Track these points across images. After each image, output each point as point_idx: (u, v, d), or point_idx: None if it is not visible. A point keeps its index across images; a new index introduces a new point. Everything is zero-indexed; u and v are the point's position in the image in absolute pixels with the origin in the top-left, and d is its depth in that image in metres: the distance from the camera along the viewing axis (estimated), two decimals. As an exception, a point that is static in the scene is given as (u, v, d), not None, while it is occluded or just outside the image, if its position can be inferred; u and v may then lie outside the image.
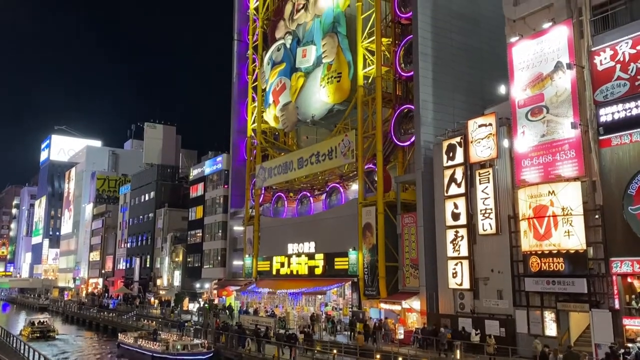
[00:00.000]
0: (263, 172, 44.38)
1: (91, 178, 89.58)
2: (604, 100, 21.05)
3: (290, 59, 43.15)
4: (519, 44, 24.16)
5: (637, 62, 20.20)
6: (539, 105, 23.03)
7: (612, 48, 20.97)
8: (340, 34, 38.01)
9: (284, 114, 43.08)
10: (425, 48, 30.77)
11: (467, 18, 32.70)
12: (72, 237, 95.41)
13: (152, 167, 70.38)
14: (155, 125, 79.71)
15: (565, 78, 22.19)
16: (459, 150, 26.60)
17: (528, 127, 23.37)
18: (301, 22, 42.40)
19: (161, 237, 63.40)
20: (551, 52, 22.80)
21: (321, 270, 36.86)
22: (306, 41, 41.44)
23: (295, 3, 43.21)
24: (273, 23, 46.30)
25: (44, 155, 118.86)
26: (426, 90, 30.42)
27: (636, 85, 20.16)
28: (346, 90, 36.97)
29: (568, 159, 21.83)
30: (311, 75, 40.35)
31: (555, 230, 21.61)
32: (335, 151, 36.34)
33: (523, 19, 24.86)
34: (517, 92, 23.98)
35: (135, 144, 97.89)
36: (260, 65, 47.61)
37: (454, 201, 26.61)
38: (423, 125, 29.94)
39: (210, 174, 55.11)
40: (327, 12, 39.39)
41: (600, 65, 21.30)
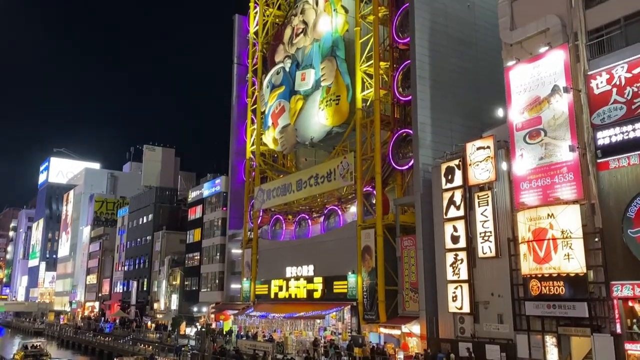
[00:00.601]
0: (262, 194, 44.33)
1: (89, 200, 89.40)
2: (601, 124, 21.15)
3: (289, 82, 43.48)
4: (516, 68, 24.38)
5: (633, 86, 20.36)
6: (537, 128, 23.13)
7: (608, 72, 21.16)
8: (338, 57, 38.39)
9: (283, 136, 43.24)
10: (422, 72, 31.05)
11: (464, 42, 33.07)
12: (69, 260, 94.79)
13: (150, 190, 70.31)
14: (154, 147, 79.92)
15: (562, 101, 22.33)
16: (458, 172, 26.62)
17: (526, 150, 23.44)
18: (300, 46, 42.85)
19: (159, 260, 63.00)
20: (548, 76, 22.99)
21: (320, 294, 36.53)
22: (305, 65, 41.82)
23: (295, 28, 43.73)
24: (272, 47, 46.78)
25: (43, 178, 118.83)
26: (424, 112, 30.58)
27: (633, 108, 20.29)
28: (345, 112, 37.19)
29: (566, 181, 21.83)
30: (310, 98, 40.62)
31: (555, 254, 21.49)
32: (334, 173, 36.37)
33: (519, 43, 25.12)
34: (515, 115, 24.11)
35: (134, 167, 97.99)
36: (259, 88, 47.96)
37: (453, 224, 26.53)
38: (421, 148, 30.02)
39: (208, 196, 55.03)
40: (326, 37, 39.84)
41: (597, 89, 21.46)
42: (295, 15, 44.02)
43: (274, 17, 48.62)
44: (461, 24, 33.27)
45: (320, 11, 41.03)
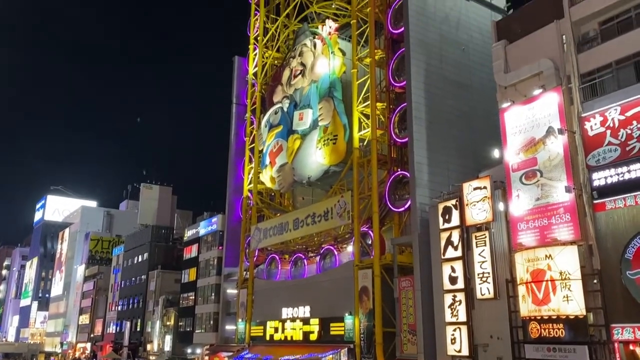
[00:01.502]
0: (258, 233, 44.10)
1: (85, 239, 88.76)
2: (596, 165, 21.31)
3: (287, 122, 43.95)
4: (511, 110, 24.72)
5: (627, 128, 20.63)
6: (533, 169, 23.28)
7: (602, 114, 21.47)
8: (336, 98, 38.95)
9: (281, 174, 43.39)
10: (419, 112, 31.45)
11: (459, 84, 33.64)
12: (62, 299, 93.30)
13: (146, 228, 69.92)
14: (151, 186, 79.98)
15: (558, 143, 22.56)
16: (455, 212, 26.60)
17: (522, 190, 23.51)
18: (298, 87, 43.52)
19: (153, 299, 62.06)
20: (542, 118, 23.30)
21: (316, 335, 35.87)
22: (303, 105, 42.37)
23: (293, 69, 44.51)
24: (271, 88, 47.50)
25: (38, 216, 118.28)
26: (421, 153, 30.82)
27: (627, 150, 20.50)
28: (342, 152, 37.46)
29: (563, 222, 21.82)
30: (307, 138, 40.96)
31: (553, 295, 21.27)
32: (331, 212, 36.31)
33: (514, 85, 25.56)
34: (511, 156, 24.30)
35: (130, 205, 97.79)
36: (257, 128, 48.41)
37: (451, 264, 26.32)
38: (418, 188, 30.10)
39: (204, 235, 54.70)
40: (324, 78, 40.51)
41: (591, 131, 21.73)
42: (293, 57, 44.89)
43: (272, 59, 49.55)
44: (456, 67, 33.93)
45: (318, 54, 41.87)
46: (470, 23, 35.55)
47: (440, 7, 34.55)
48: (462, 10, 35.50)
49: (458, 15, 35.25)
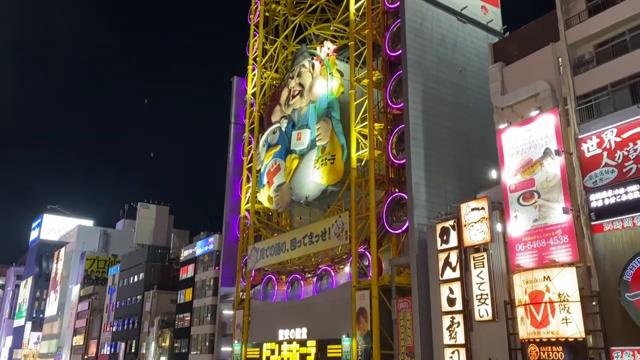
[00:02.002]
0: (255, 253, 43.85)
1: (80, 258, 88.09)
2: (593, 186, 21.34)
3: (285, 142, 44.05)
4: (508, 131, 24.83)
5: (623, 150, 20.71)
6: (530, 190, 23.30)
7: (598, 136, 21.58)
8: (334, 118, 39.12)
9: (278, 194, 43.32)
10: (416, 133, 31.57)
11: (456, 105, 33.84)
12: (56, 319, 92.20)
13: (142, 248, 69.50)
14: (148, 205, 79.70)
15: (555, 164, 22.62)
16: (453, 233, 26.53)
17: (520, 211, 23.49)
18: (296, 107, 43.73)
19: (148, 320, 61.38)
20: (539, 139, 23.40)
21: (313, 358, 35.44)
22: (301, 125, 42.53)
23: (291, 90, 44.78)
24: (269, 107, 47.73)
25: (34, 235, 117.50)
26: (418, 173, 30.84)
27: (624, 171, 20.55)
28: (340, 172, 37.47)
29: (561, 244, 21.76)
30: (305, 157, 41.01)
31: (552, 317, 21.09)
32: (328, 232, 36.16)
33: (511, 107, 25.71)
34: (508, 177, 24.33)
35: (127, 224, 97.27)
36: (255, 147, 48.50)
37: (449, 286, 26.14)
38: (416, 208, 30.05)
39: (201, 255, 54.38)
40: (322, 98, 40.74)
41: (588, 152, 21.80)
42: (292, 78, 45.20)
43: (271, 80, 49.89)
44: (453, 88, 34.18)
45: (317, 74, 42.17)
46: (466, 45, 35.93)
47: (437, 29, 34.94)
48: (458, 32, 35.91)
49: (455, 37, 35.63)
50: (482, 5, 37.77)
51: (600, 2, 23.70)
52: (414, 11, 34.18)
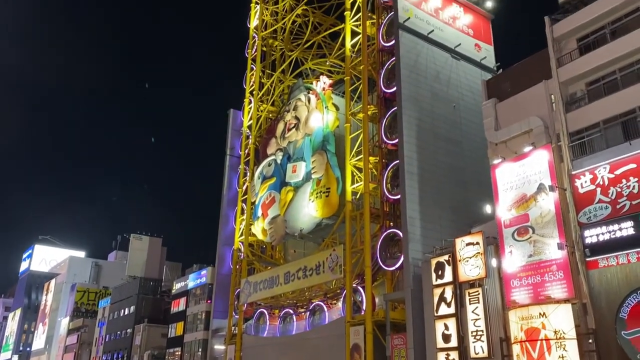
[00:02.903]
0: (248, 286, 43.33)
1: (71, 290, 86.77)
2: (587, 222, 21.37)
3: (280, 174, 44.11)
4: (502, 166, 24.98)
5: (616, 186, 20.84)
6: (525, 225, 23.29)
7: (592, 172, 21.74)
8: (329, 151, 39.30)
9: (272, 227, 43.10)
10: (411, 167, 31.71)
11: (451, 140, 34.13)
12: (44, 353, 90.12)
13: (134, 280, 68.62)
14: (141, 236, 79.09)
15: (549, 199, 22.69)
16: (448, 268, 26.34)
17: (515, 246, 23.43)
18: (292, 140, 43.97)
19: (138, 354, 60.06)
20: (533, 175, 23.53)
21: (306, 394, 34.60)
22: (296, 157, 42.67)
23: (287, 123, 45.12)
24: (265, 140, 47.96)
25: (25, 266, 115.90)
26: (413, 207, 30.83)
27: (617, 208, 20.63)
28: (334, 205, 37.41)
29: (557, 280, 21.63)
30: (300, 190, 41.01)
31: (549, 355, 20.80)
32: (323, 266, 35.85)
33: (504, 142, 25.96)
34: (503, 212, 24.35)
35: (119, 255, 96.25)
36: (250, 179, 48.52)
37: (444, 322, 25.81)
38: (411, 242, 29.90)
39: (193, 288, 53.68)
40: (317, 132, 41.02)
41: (582, 188, 21.92)
42: (288, 111, 45.59)
43: (267, 113, 50.30)
44: (447, 123, 34.52)
45: (312, 108, 42.58)
46: (460, 81, 36.49)
47: (432, 65, 35.52)
48: (452, 68, 36.51)
49: (449, 73, 36.21)
50: (476, 43, 38.56)
51: (590, 42, 24.28)
52: (408, 48, 34.80)
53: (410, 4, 36.00)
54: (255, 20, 54.48)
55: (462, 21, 38.57)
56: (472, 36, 38.75)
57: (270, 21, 53.19)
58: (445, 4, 38.11)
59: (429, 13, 36.88)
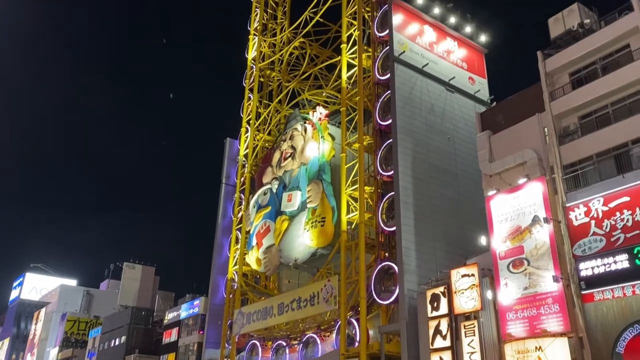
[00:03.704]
0: (241, 317, 42.77)
1: (61, 319, 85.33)
2: (582, 255, 21.38)
3: (275, 203, 44.08)
4: (497, 198, 25.09)
5: (611, 219, 20.93)
6: (520, 257, 23.26)
7: (586, 204, 21.85)
8: (324, 181, 39.41)
9: (267, 256, 42.84)
10: (406, 198, 31.78)
11: (445, 171, 34.33)
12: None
13: (126, 310, 67.60)
14: (134, 265, 78.30)
15: (543, 232, 22.72)
16: (443, 300, 26.15)
17: (510, 279, 23.34)
18: (288, 169, 44.12)
19: (128, 386, 58.79)
20: (528, 206, 23.62)
21: None
22: (292, 187, 42.73)
23: (283, 152, 45.35)
24: (261, 169, 48.10)
25: (15, 294, 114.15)
26: (408, 238, 30.78)
27: (612, 241, 20.67)
28: (330, 234, 37.30)
29: (552, 313, 21.50)
30: (295, 219, 40.93)
31: (546, 390, 20.50)
32: (317, 297, 35.50)
33: (499, 174, 26.15)
34: (498, 244, 24.34)
35: (111, 284, 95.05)
36: (245, 208, 48.42)
37: (439, 355, 25.47)
38: (406, 274, 29.74)
39: (185, 318, 52.93)
40: (313, 161, 41.21)
41: (576, 221, 21.99)
42: (284, 140, 45.88)
43: (263, 142, 50.60)
44: (442, 155, 34.80)
45: (308, 138, 42.87)
46: (454, 113, 36.94)
47: (426, 97, 36.00)
48: (447, 101, 37.00)
49: (443, 105, 36.68)
50: (470, 76, 39.20)
51: (582, 76, 24.74)
52: (403, 80, 35.31)
53: (406, 38, 36.71)
54: (253, 51, 55.29)
55: (456, 55, 39.28)
56: (466, 69, 39.42)
57: (268, 53, 53.99)
58: (439, 39, 38.87)
59: (424, 47, 37.58)
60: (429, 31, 38.44)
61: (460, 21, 40.30)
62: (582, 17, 25.86)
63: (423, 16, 38.48)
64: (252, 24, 56.67)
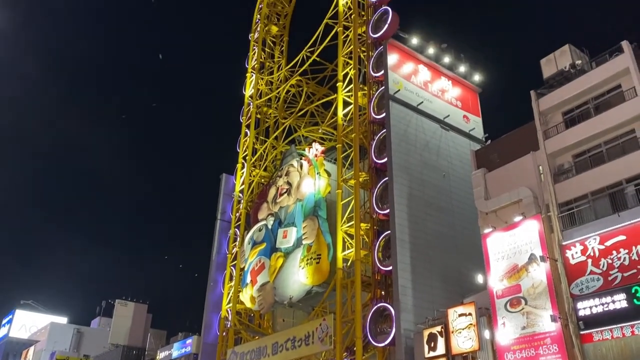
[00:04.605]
0: (235, 357, 41.83)
1: (50, 358, 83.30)
2: (580, 294, 21.19)
3: (270, 240, 43.76)
4: (493, 235, 25.01)
5: (607, 258, 20.83)
6: (517, 296, 23.02)
7: (582, 243, 21.79)
8: (320, 217, 39.25)
9: (261, 294, 42.23)
10: (402, 235, 31.64)
11: (441, 208, 34.32)
12: None
13: (117, 349, 66.17)
14: (126, 302, 77.00)
15: (540, 270, 22.57)
16: (440, 340, 25.70)
17: (508, 318, 23.03)
18: (283, 205, 44.00)
19: None
20: (524, 245, 23.53)
21: None
22: (287, 223, 42.51)
23: (279, 188, 45.33)
24: (256, 205, 47.95)
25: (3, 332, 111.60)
26: (405, 276, 30.49)
27: (609, 280, 20.53)
28: (325, 272, 36.89)
29: (551, 353, 21.14)
30: (291, 256, 40.55)
31: None
32: (312, 336, 34.84)
33: (494, 212, 26.13)
34: (495, 283, 24.12)
35: (103, 322, 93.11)
36: (240, 245, 48.03)
37: (437, 397, 24.89)
38: (403, 312, 29.31)
39: (177, 357, 51.73)
40: (309, 197, 41.15)
41: (573, 259, 21.88)
42: (280, 176, 45.94)
43: (259, 178, 50.63)
44: (438, 192, 34.85)
45: (304, 174, 42.95)
46: (449, 151, 37.20)
47: (421, 135, 36.32)
48: (442, 138, 37.32)
49: (438, 143, 36.97)
50: (464, 115, 39.68)
51: (575, 116, 25.07)
52: (399, 118, 35.70)
53: (401, 77, 37.31)
54: (250, 88, 55.98)
55: (450, 94, 39.87)
56: (461, 108, 39.95)
57: (265, 90, 54.67)
58: (434, 78, 39.52)
59: (419, 86, 38.16)
60: (423, 70, 39.12)
61: (454, 61, 41.08)
62: (574, 58, 26.42)
63: (418, 56, 39.24)
64: (250, 62, 57.58)
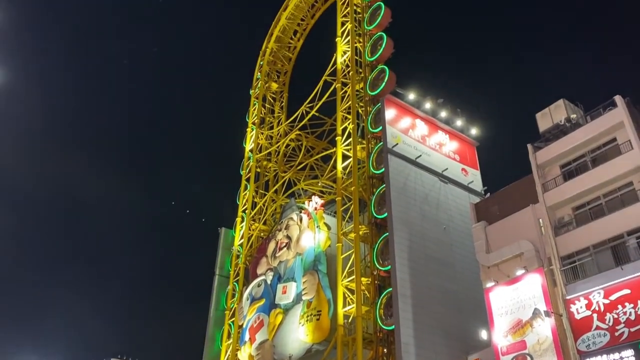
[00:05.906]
0: (232, 418, 40.27)
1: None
2: (587, 351, 20.68)
3: (270, 295, 43.01)
4: (495, 290, 24.64)
5: (613, 312, 20.46)
6: (523, 353, 22.45)
7: (586, 297, 21.45)
8: (320, 271, 38.75)
9: (260, 352, 41.09)
10: (404, 289, 31.16)
11: (442, 262, 33.97)
12: None
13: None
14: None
15: (545, 325, 22.11)
16: (445, 400, 24.87)
17: (515, 376, 22.35)
18: (283, 259, 43.53)
19: None
20: (528, 299, 23.15)
21: None
22: (287, 278, 41.93)
23: (279, 242, 44.99)
24: (255, 259, 47.44)
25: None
26: (407, 332, 29.81)
27: (616, 335, 20.08)
28: (325, 329, 36.05)
29: (561, 414, 20.39)
30: (290, 312, 39.74)
31: None
32: (312, 396, 33.68)
33: (496, 265, 25.86)
34: (499, 339, 23.57)
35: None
36: (239, 301, 47.18)
37: None
38: (406, 371, 28.48)
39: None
40: (309, 251, 40.77)
41: (578, 314, 21.49)
42: (279, 230, 45.69)
43: (259, 232, 50.34)
44: (438, 245, 34.61)
45: (304, 227, 42.74)
46: (449, 204, 37.24)
47: (420, 188, 36.46)
48: (441, 191, 37.43)
49: (437, 196, 37.05)
50: (462, 168, 39.99)
51: (573, 169, 25.24)
52: (397, 171, 35.94)
53: (398, 131, 37.86)
54: (250, 143, 56.62)
55: (448, 147, 40.33)
56: (459, 161, 40.31)
57: (265, 144, 55.31)
58: (431, 132, 40.10)
59: (417, 139, 38.67)
60: (420, 125, 39.74)
61: (451, 115, 41.82)
62: (569, 112, 26.90)
63: (415, 111, 39.98)
64: (251, 117, 58.51)
